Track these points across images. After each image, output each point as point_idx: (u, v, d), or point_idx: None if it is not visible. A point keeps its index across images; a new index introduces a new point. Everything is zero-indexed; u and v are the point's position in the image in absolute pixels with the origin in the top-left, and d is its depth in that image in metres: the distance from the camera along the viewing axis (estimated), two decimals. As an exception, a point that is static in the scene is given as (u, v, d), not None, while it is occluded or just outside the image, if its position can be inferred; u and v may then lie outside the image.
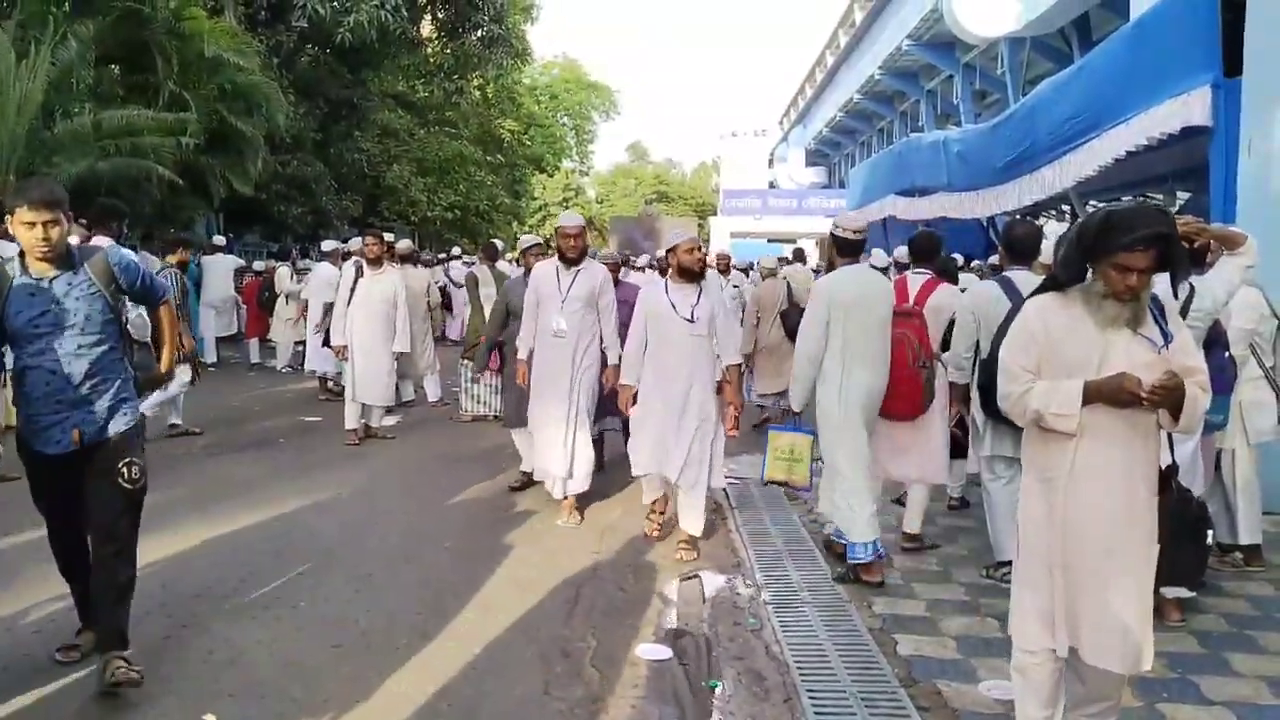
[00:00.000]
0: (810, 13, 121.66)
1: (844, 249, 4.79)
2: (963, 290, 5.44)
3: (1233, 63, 5.91)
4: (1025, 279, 4.48)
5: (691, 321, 5.11)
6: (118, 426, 3.41)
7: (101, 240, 6.41)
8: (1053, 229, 11.71)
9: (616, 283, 6.51)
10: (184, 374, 7.50)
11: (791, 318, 8.09)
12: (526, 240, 7.76)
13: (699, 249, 5.30)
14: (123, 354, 3.54)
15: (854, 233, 4.79)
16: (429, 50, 23.94)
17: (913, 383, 4.77)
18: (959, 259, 9.65)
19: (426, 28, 23.26)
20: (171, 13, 13.51)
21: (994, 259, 7.77)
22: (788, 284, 8.92)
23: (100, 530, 3.39)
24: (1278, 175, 5.77)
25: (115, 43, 12.80)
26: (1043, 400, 2.68)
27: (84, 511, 3.44)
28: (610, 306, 5.87)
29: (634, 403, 5.28)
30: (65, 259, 3.36)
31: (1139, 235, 2.55)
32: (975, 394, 4.66)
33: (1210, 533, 4.09)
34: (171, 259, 8.10)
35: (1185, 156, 7.39)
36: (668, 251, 5.52)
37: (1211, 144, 6.11)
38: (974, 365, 4.67)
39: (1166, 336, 2.69)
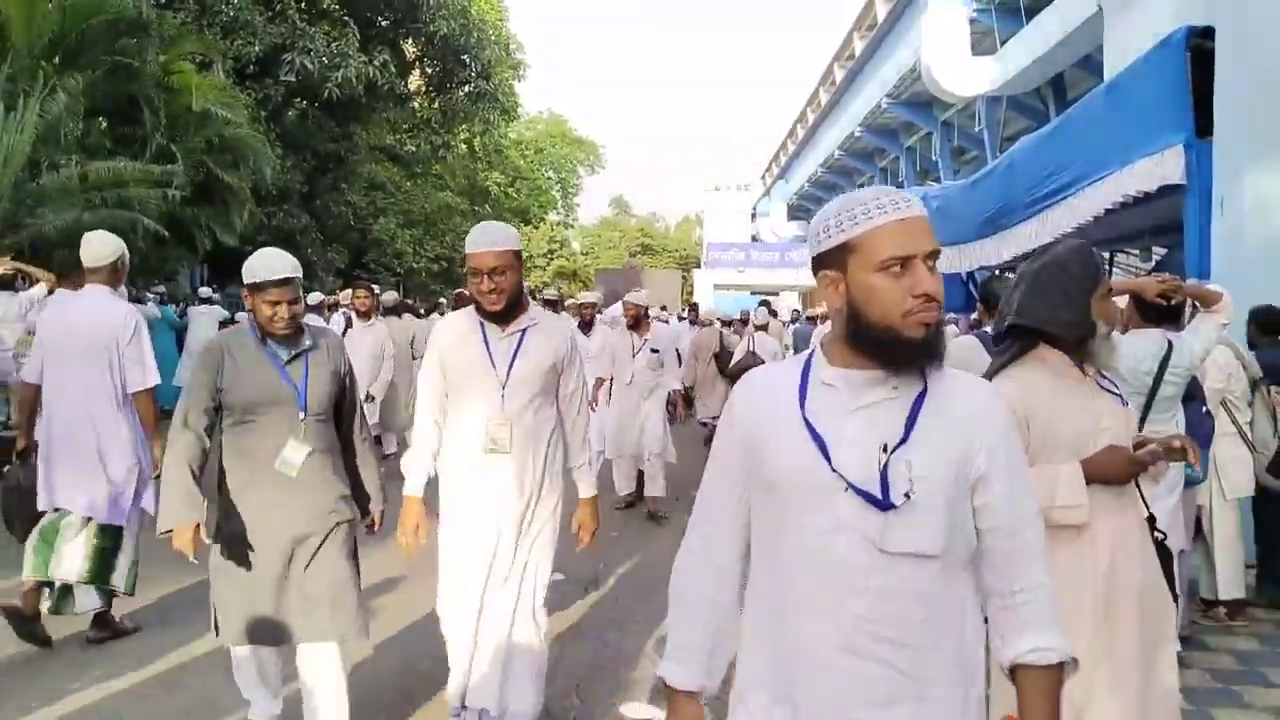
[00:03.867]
0: (792, 70, 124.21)
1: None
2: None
3: (1204, 123, 6.06)
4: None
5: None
6: None
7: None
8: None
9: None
10: None
11: (722, 359, 10.73)
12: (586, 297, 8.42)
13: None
14: None
15: None
16: (417, 105, 24.23)
17: None
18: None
19: (414, 82, 23.58)
20: (160, 67, 13.65)
21: (974, 314, 7.88)
22: (720, 332, 11.37)
23: None
24: (1250, 234, 5.90)
25: (104, 96, 12.90)
26: (1041, 494, 2.25)
27: None
28: (578, 392, 3.49)
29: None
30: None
31: (1100, 255, 2.54)
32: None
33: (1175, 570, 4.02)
34: None
35: (1161, 213, 7.53)
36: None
37: (1186, 202, 6.24)
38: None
39: (1116, 384, 2.56)
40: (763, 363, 8.91)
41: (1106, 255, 11.23)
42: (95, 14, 12.26)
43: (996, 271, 10.40)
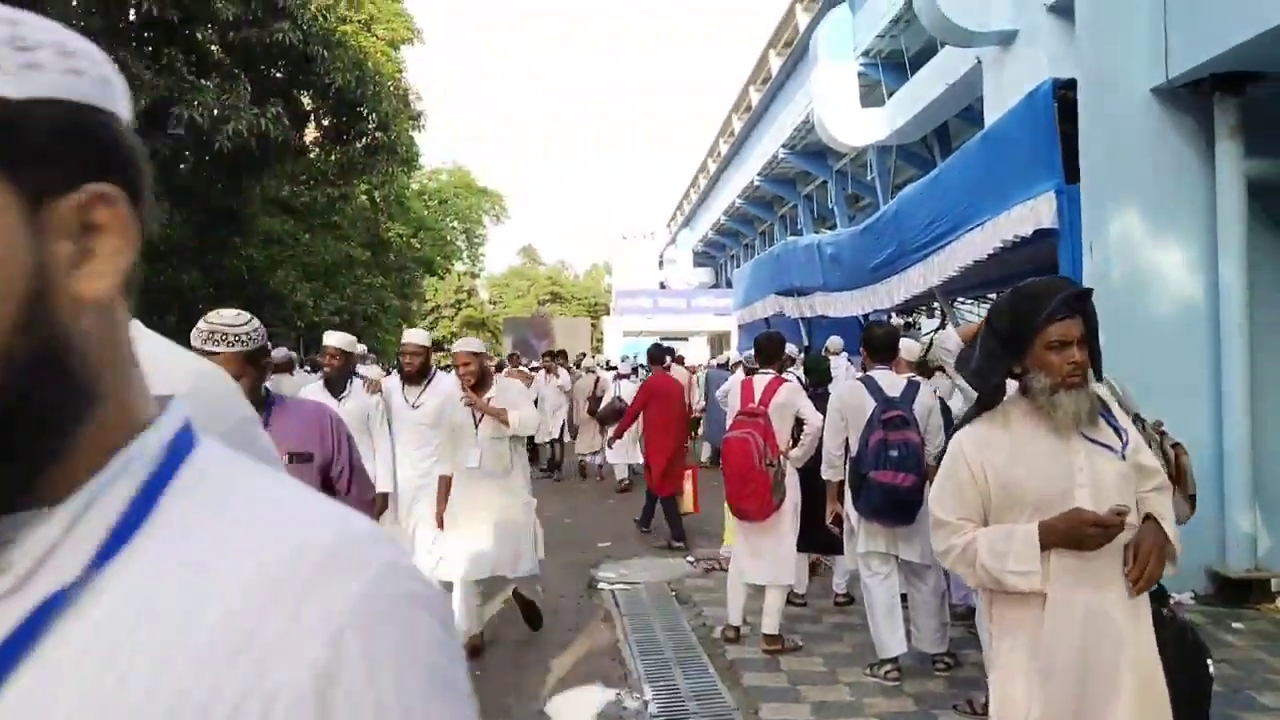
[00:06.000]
0: (693, 122, 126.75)
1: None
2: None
3: (1073, 169, 6.35)
4: (885, 377, 4.63)
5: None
6: None
7: None
8: (927, 327, 12.25)
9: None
10: None
11: (591, 404, 12.38)
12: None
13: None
14: None
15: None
16: (313, 157, 23.81)
17: (761, 482, 4.86)
18: (838, 353, 9.98)
19: (311, 134, 23.18)
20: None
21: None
22: (596, 378, 13.08)
23: None
24: (1117, 272, 6.17)
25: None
26: (993, 556, 2.19)
27: None
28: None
29: None
30: None
31: (1063, 297, 2.20)
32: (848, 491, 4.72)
33: (1210, 662, 3.39)
34: None
35: (1039, 256, 7.84)
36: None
37: (1059, 245, 6.51)
38: (845, 462, 4.75)
39: (1122, 435, 2.30)
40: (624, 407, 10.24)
41: (994, 297, 11.67)
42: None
43: (891, 314, 10.69)
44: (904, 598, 4.81)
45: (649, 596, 6.43)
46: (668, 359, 9.66)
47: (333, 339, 5.48)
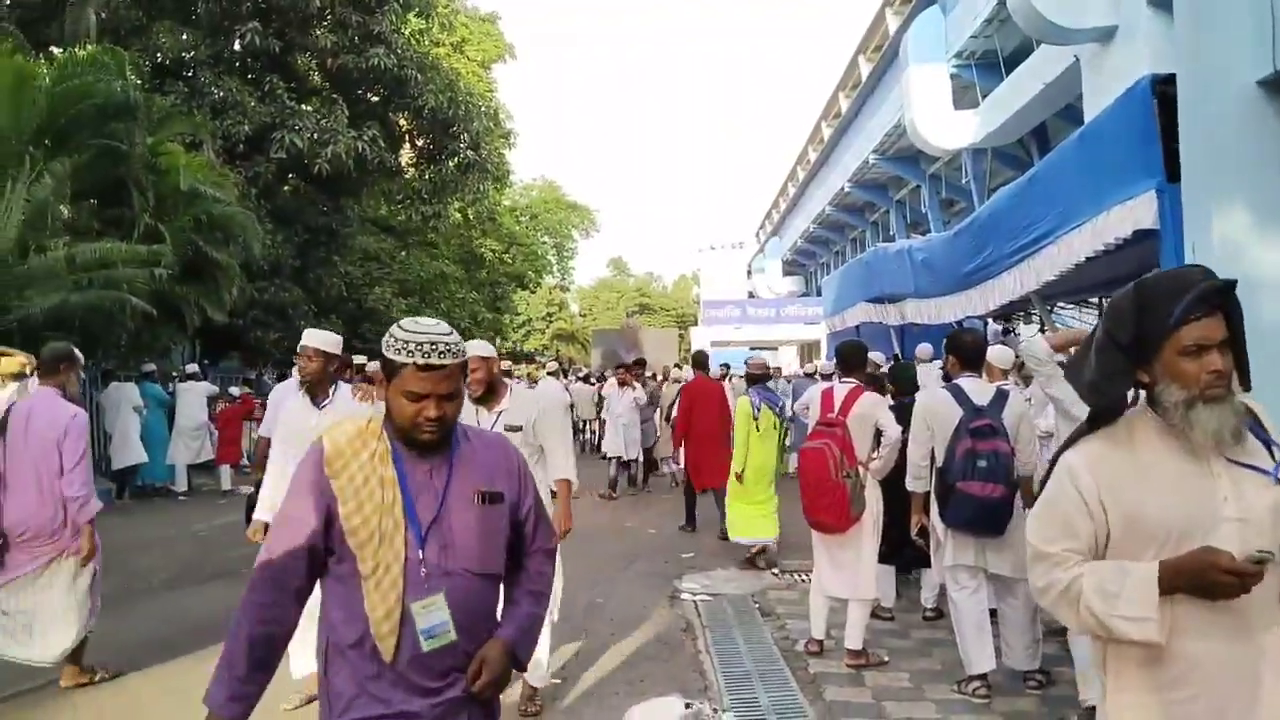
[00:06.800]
0: (782, 129, 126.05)
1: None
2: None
3: (1174, 168, 6.07)
4: (973, 385, 4.49)
5: None
6: None
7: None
8: (1025, 333, 11.88)
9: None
10: None
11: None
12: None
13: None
14: None
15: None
16: (408, 176, 24.49)
17: (838, 493, 4.76)
18: (928, 360, 9.77)
19: (406, 155, 23.85)
20: (148, 148, 13.77)
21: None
22: (568, 388, 14.23)
23: None
24: (1220, 274, 5.85)
25: (92, 178, 12.97)
26: (1101, 597, 1.82)
27: None
28: None
29: None
30: None
31: (1199, 292, 1.84)
32: (934, 502, 4.59)
33: None
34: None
35: (1141, 258, 7.51)
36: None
37: (1161, 247, 6.22)
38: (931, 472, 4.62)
39: (1276, 452, 1.90)
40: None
41: (1095, 301, 11.23)
42: (84, 99, 12.40)
43: (985, 322, 10.40)
44: (993, 613, 4.65)
45: (731, 608, 6.38)
46: (707, 365, 11.08)
47: (311, 338, 4.68)
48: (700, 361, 10.82)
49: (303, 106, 19.03)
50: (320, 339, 4.67)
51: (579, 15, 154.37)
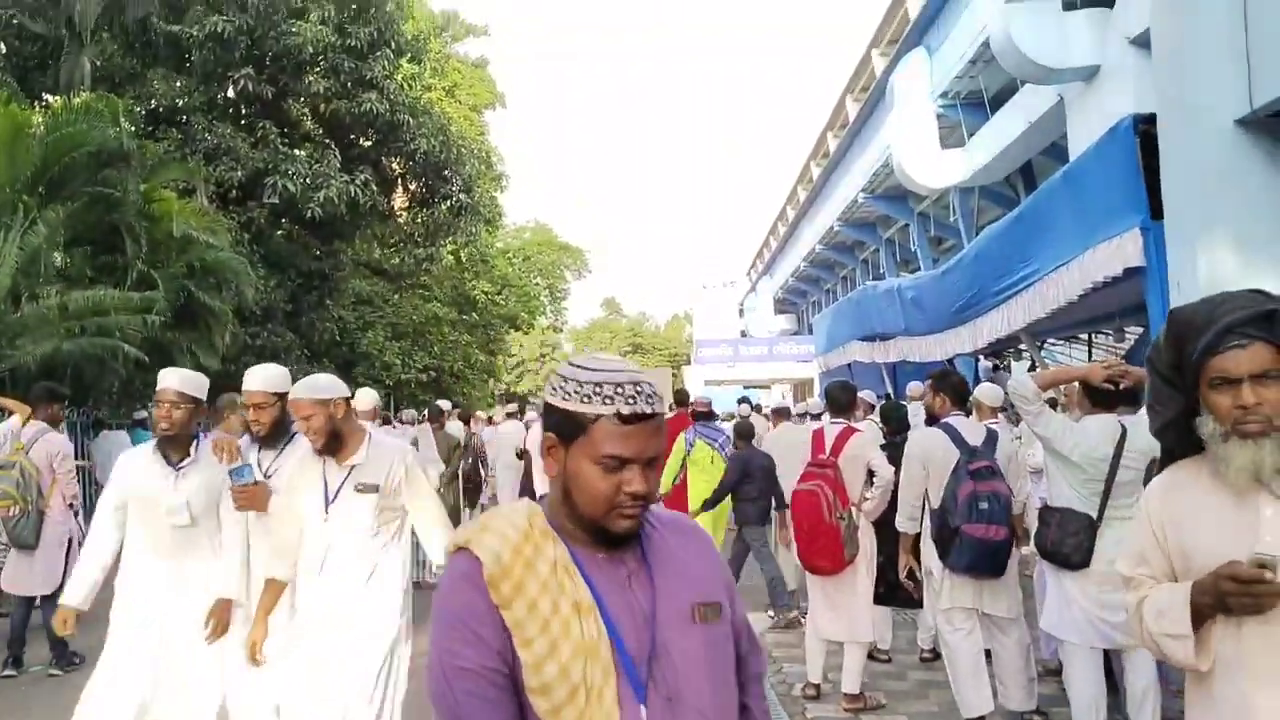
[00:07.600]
0: (771, 169, 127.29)
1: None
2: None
3: (1158, 206, 6.14)
4: (965, 424, 4.50)
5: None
6: None
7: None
8: (1017, 370, 11.90)
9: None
10: None
11: (517, 450, 12.38)
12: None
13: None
14: None
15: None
16: (401, 220, 24.61)
17: (831, 535, 4.74)
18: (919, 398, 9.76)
19: (398, 198, 23.98)
20: (142, 195, 13.84)
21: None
22: (526, 426, 12.60)
23: None
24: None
25: (85, 225, 13.02)
26: (1154, 615, 1.83)
27: None
28: None
29: None
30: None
31: (1234, 320, 1.75)
32: (930, 544, 4.57)
33: None
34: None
35: (1129, 295, 7.57)
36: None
37: (1147, 284, 6.27)
38: (924, 514, 4.61)
39: None
40: None
41: (1085, 338, 11.29)
42: (77, 147, 12.47)
43: (976, 359, 10.43)
44: (988, 653, 4.61)
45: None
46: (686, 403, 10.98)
47: (255, 380, 3.80)
48: (680, 400, 11.04)
49: (295, 152, 19.15)
50: (268, 380, 3.83)
51: (577, 34, 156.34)
